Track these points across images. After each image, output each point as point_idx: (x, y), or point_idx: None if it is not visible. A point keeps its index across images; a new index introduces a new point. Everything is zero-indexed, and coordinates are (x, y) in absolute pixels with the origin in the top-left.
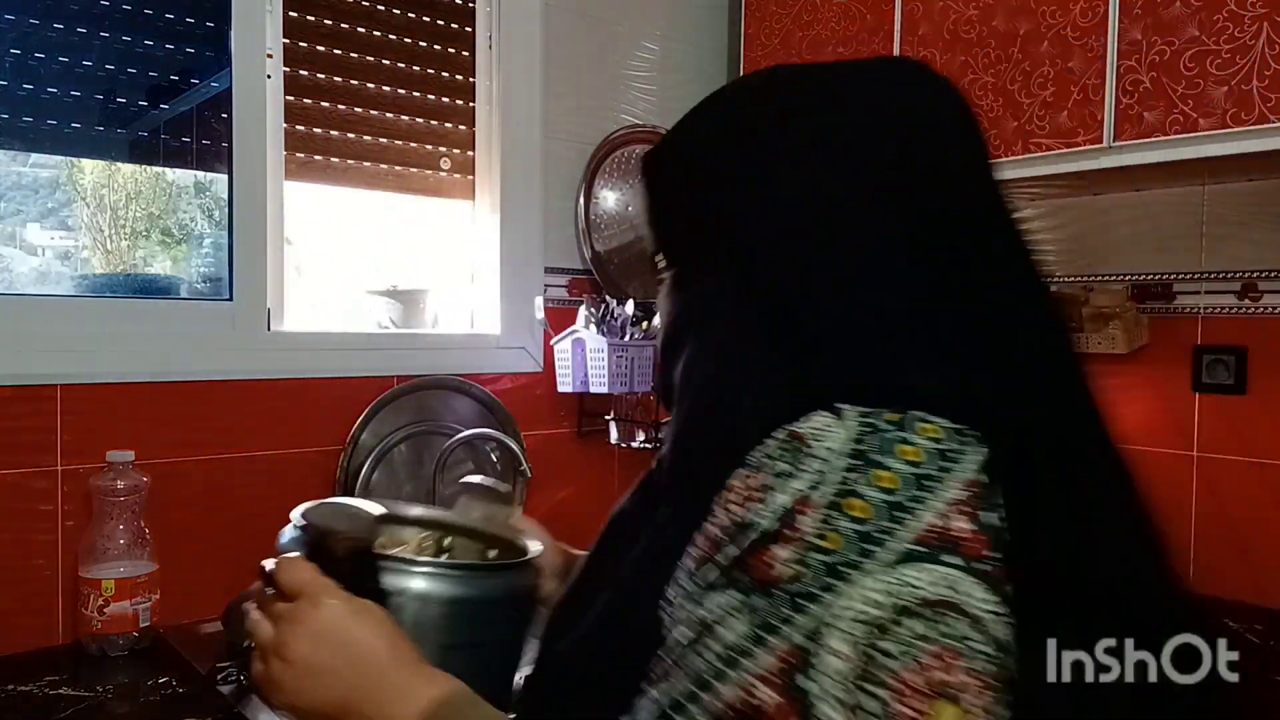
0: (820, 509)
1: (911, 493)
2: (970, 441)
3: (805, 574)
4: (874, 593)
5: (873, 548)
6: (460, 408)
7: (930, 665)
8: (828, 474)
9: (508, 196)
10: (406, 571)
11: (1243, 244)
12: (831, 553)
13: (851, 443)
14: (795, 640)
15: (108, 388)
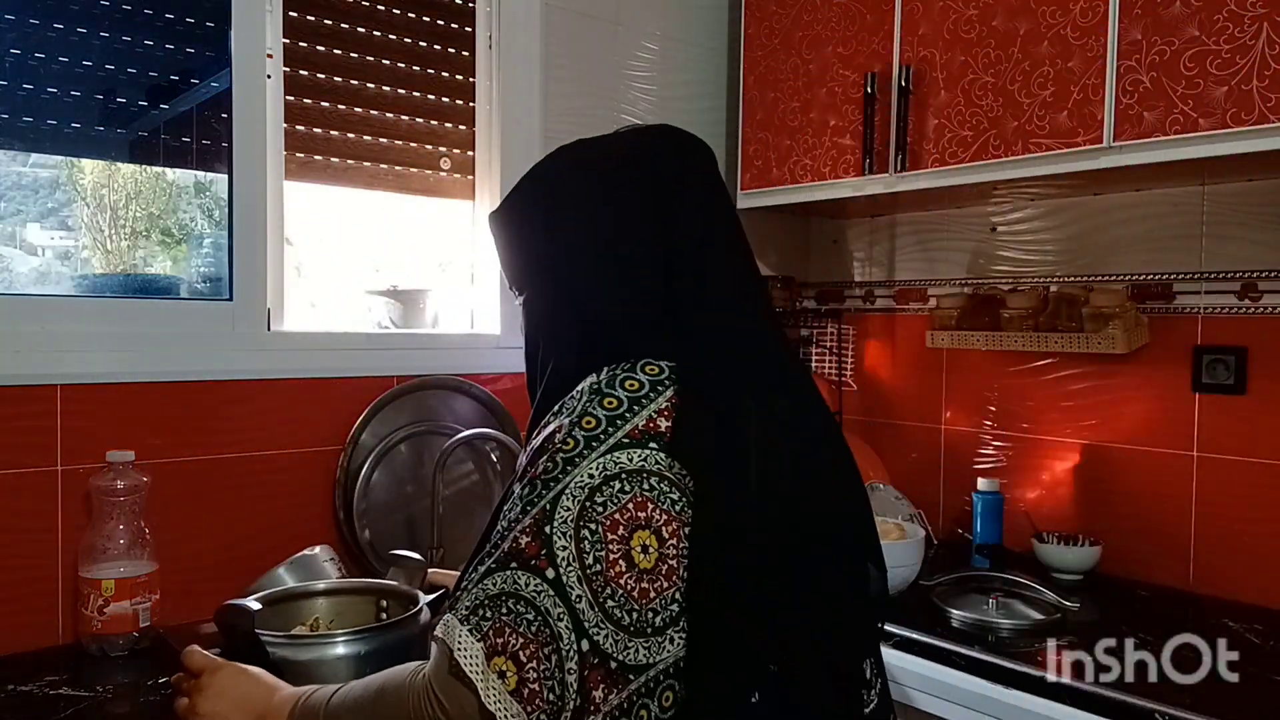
0: (566, 428)
1: (627, 408)
2: (675, 376)
3: (552, 468)
4: (591, 468)
5: (595, 444)
6: (460, 408)
7: (630, 508)
8: (577, 406)
9: None
10: (283, 644)
11: (1243, 244)
12: (568, 451)
13: (595, 383)
14: (542, 505)
15: (108, 388)
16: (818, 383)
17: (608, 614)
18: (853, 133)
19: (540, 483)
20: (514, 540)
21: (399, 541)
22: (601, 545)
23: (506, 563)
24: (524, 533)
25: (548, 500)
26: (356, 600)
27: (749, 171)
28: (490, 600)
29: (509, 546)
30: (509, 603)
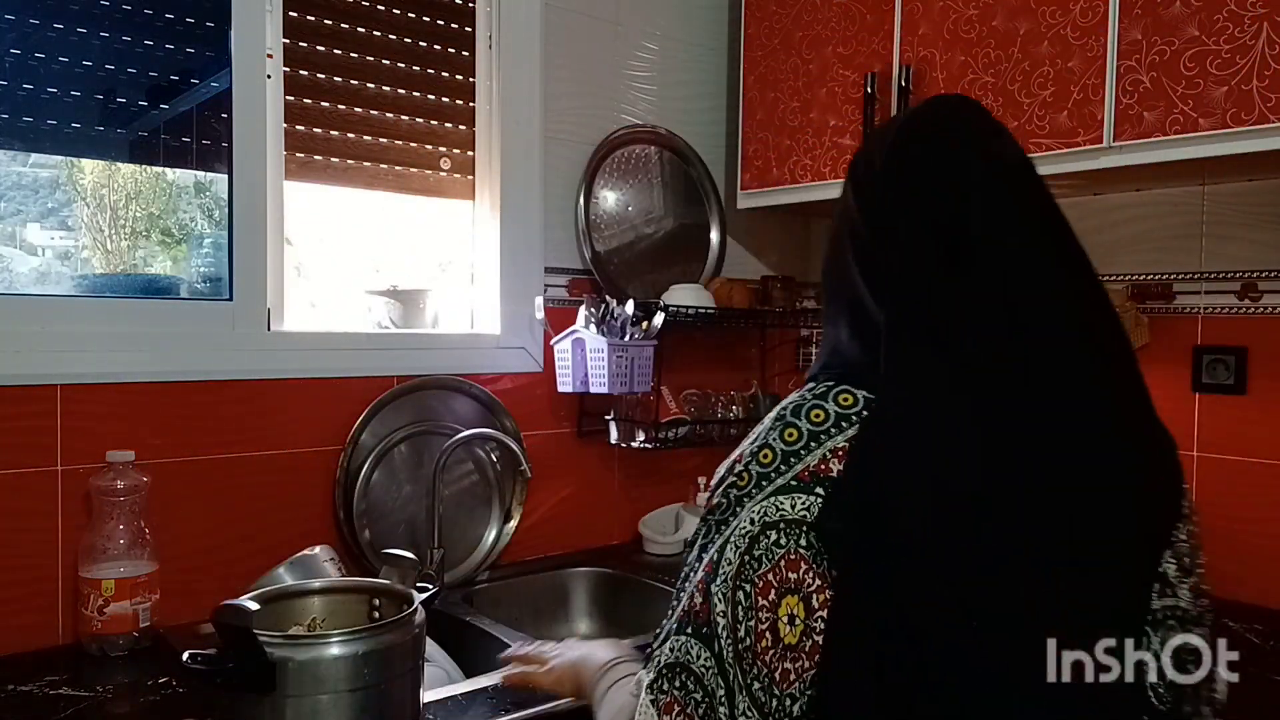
0: (745, 458)
1: (804, 444)
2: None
3: (724, 505)
4: (754, 512)
5: (764, 483)
6: (460, 408)
7: (782, 567)
8: (760, 434)
9: (508, 196)
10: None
11: (1243, 244)
12: (741, 487)
13: (782, 409)
14: (711, 555)
15: (108, 388)
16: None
17: (753, 698)
18: (853, 133)
19: (714, 523)
20: (690, 598)
21: (399, 541)
22: (752, 613)
23: (683, 626)
24: (698, 590)
25: (716, 549)
26: (351, 599)
27: (749, 171)
28: (668, 670)
29: (686, 605)
30: (681, 676)
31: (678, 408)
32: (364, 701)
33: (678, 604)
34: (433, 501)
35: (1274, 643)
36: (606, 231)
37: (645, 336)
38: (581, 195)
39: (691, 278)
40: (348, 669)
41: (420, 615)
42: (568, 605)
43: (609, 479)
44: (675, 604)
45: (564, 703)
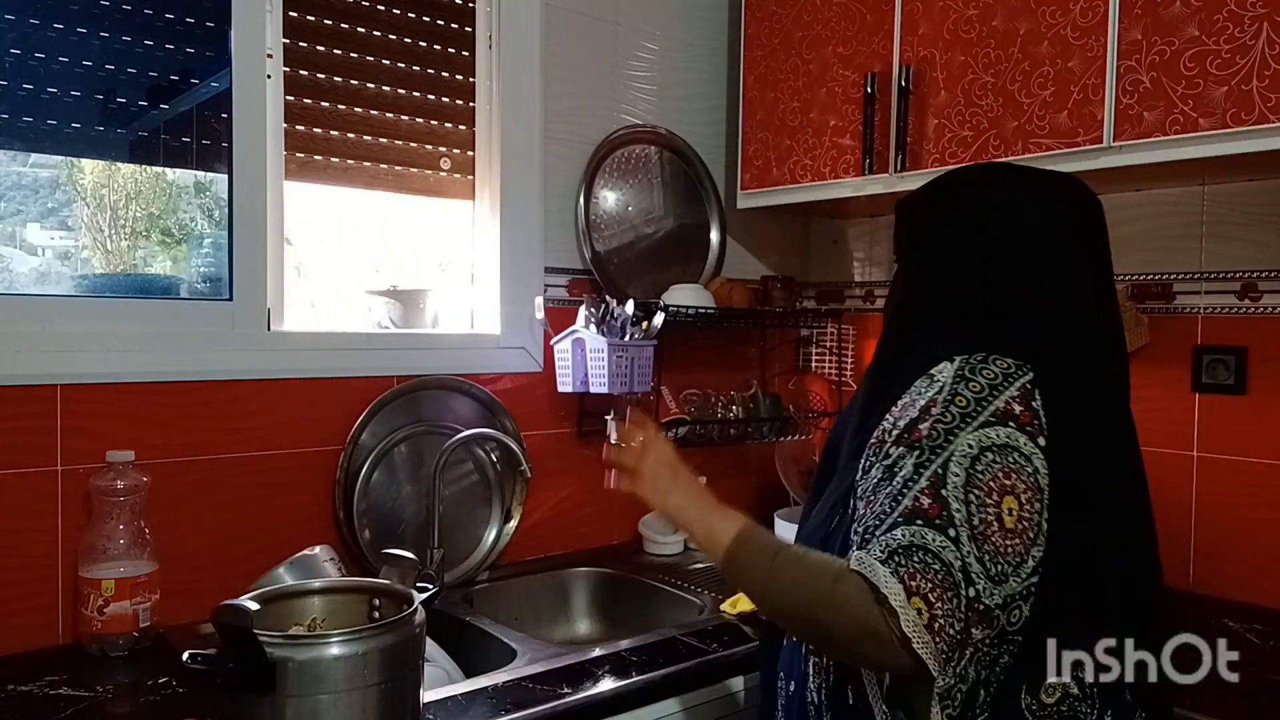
0: (940, 403)
1: (989, 392)
2: (1022, 370)
3: (936, 434)
4: (970, 439)
5: (969, 419)
6: (460, 408)
7: (1001, 476)
8: (945, 385)
9: (508, 196)
10: (280, 644)
11: (1243, 244)
12: (947, 423)
13: (956, 369)
14: (934, 470)
15: (108, 388)
16: (822, 382)
17: (984, 567)
18: (853, 133)
19: (927, 448)
20: (915, 499)
21: (399, 541)
22: (982, 508)
23: (911, 519)
24: (923, 494)
25: (938, 465)
26: (351, 599)
27: (749, 171)
28: (903, 550)
29: (911, 505)
30: (919, 554)
31: (678, 408)
32: (364, 701)
33: (889, 506)
34: (433, 501)
35: (1274, 643)
36: (606, 231)
37: (645, 336)
38: (581, 195)
39: (691, 278)
40: (348, 669)
41: (420, 615)
42: (568, 605)
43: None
44: (878, 507)
45: (564, 703)
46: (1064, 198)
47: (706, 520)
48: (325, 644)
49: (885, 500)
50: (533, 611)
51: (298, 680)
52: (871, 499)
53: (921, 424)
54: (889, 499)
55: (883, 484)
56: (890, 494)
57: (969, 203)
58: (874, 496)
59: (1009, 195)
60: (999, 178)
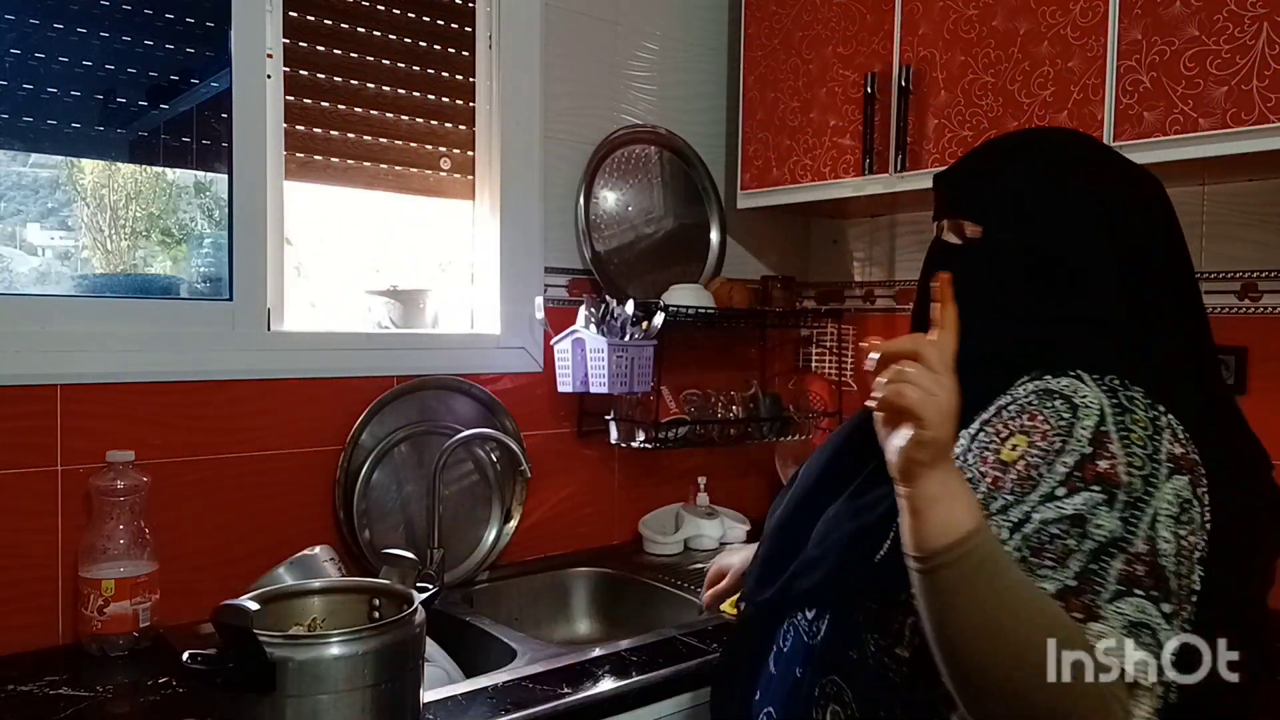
0: (1115, 439)
1: (1153, 431)
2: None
3: (1133, 481)
4: (1169, 494)
5: (1155, 464)
6: (460, 408)
7: (1194, 540)
8: (1104, 416)
9: (508, 196)
10: (281, 644)
11: (1243, 244)
12: (1140, 467)
13: (1106, 395)
14: (1144, 529)
15: (108, 388)
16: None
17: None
18: (853, 133)
19: (1126, 500)
20: (1130, 565)
21: (399, 541)
22: (1187, 578)
23: (1131, 588)
24: (1140, 560)
25: (1146, 526)
26: (351, 599)
27: (749, 171)
28: (1134, 626)
29: (1127, 570)
30: (1147, 634)
31: (678, 408)
32: (364, 701)
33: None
34: (433, 501)
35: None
36: (606, 231)
37: (645, 336)
38: (581, 195)
39: (691, 278)
40: (348, 669)
41: (420, 615)
42: (568, 605)
43: (609, 479)
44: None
45: (564, 703)
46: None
47: (956, 486)
48: (325, 644)
49: (1087, 557)
50: (533, 611)
51: (298, 680)
52: (1047, 544)
53: (1099, 462)
54: (1091, 556)
55: (1067, 529)
56: (1093, 550)
57: (1100, 184)
58: (1051, 544)
59: (1140, 183)
60: (1116, 155)
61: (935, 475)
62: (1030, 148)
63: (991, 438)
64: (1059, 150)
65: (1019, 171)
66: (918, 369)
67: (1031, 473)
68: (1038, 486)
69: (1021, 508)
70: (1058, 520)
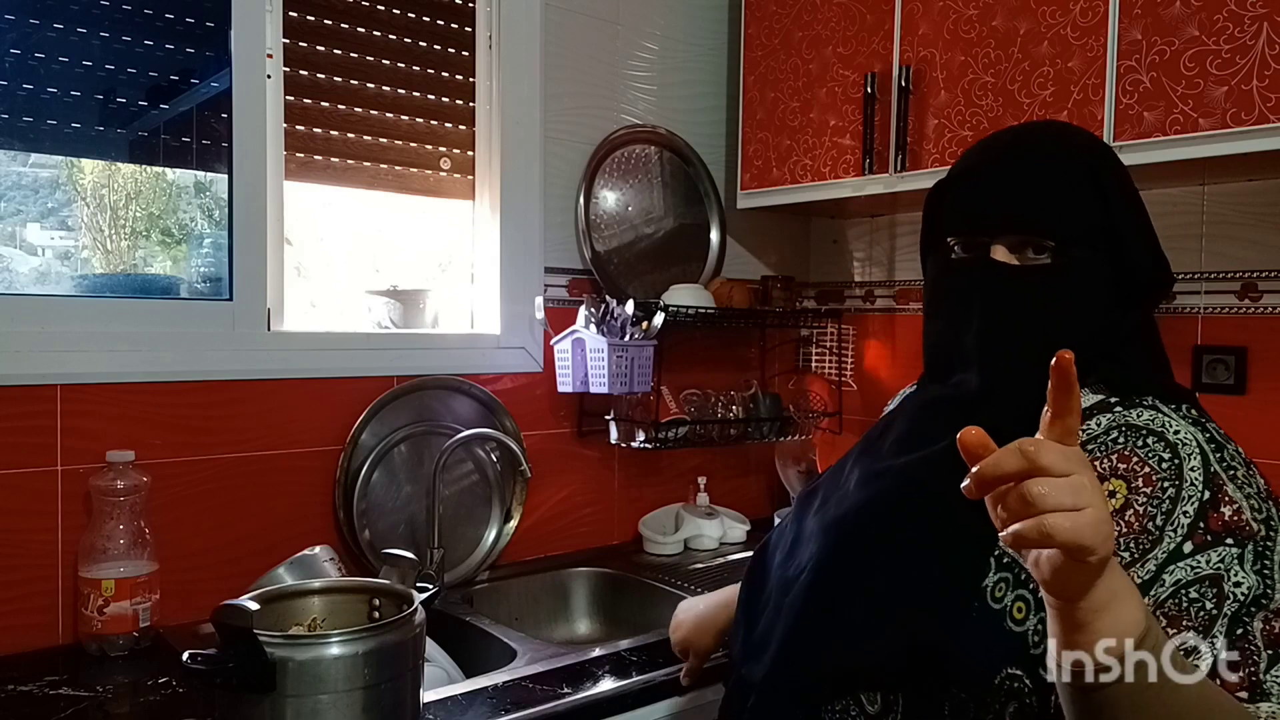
0: (1226, 480)
1: (1246, 463)
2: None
3: (1257, 527)
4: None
5: (1271, 505)
6: (460, 408)
7: None
8: (1206, 454)
9: (508, 196)
10: (281, 644)
11: (1243, 244)
12: (1259, 511)
13: (1196, 429)
14: (1271, 569)
15: (108, 388)
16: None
17: None
18: (853, 133)
19: (1258, 543)
20: (1270, 624)
21: (399, 541)
22: None
23: (1278, 649)
24: (1278, 617)
25: (1277, 582)
26: (351, 599)
27: (749, 171)
28: None
29: (1270, 630)
30: None
31: (678, 408)
32: (364, 701)
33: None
34: (433, 501)
35: None
36: (606, 231)
37: (645, 336)
38: (581, 195)
39: (691, 278)
40: (348, 669)
41: (420, 615)
42: (568, 605)
43: (609, 479)
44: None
45: (564, 703)
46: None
47: (1121, 583)
48: (325, 644)
49: (1230, 623)
50: (533, 611)
51: (298, 680)
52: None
53: (1223, 509)
54: (1235, 620)
55: (1204, 591)
56: (1235, 614)
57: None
58: (1189, 610)
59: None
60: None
61: (1103, 583)
62: (1070, 144)
63: None
64: (1100, 149)
65: (1086, 177)
66: (1050, 487)
67: (1148, 524)
68: (1159, 542)
69: (1147, 567)
70: (1195, 583)
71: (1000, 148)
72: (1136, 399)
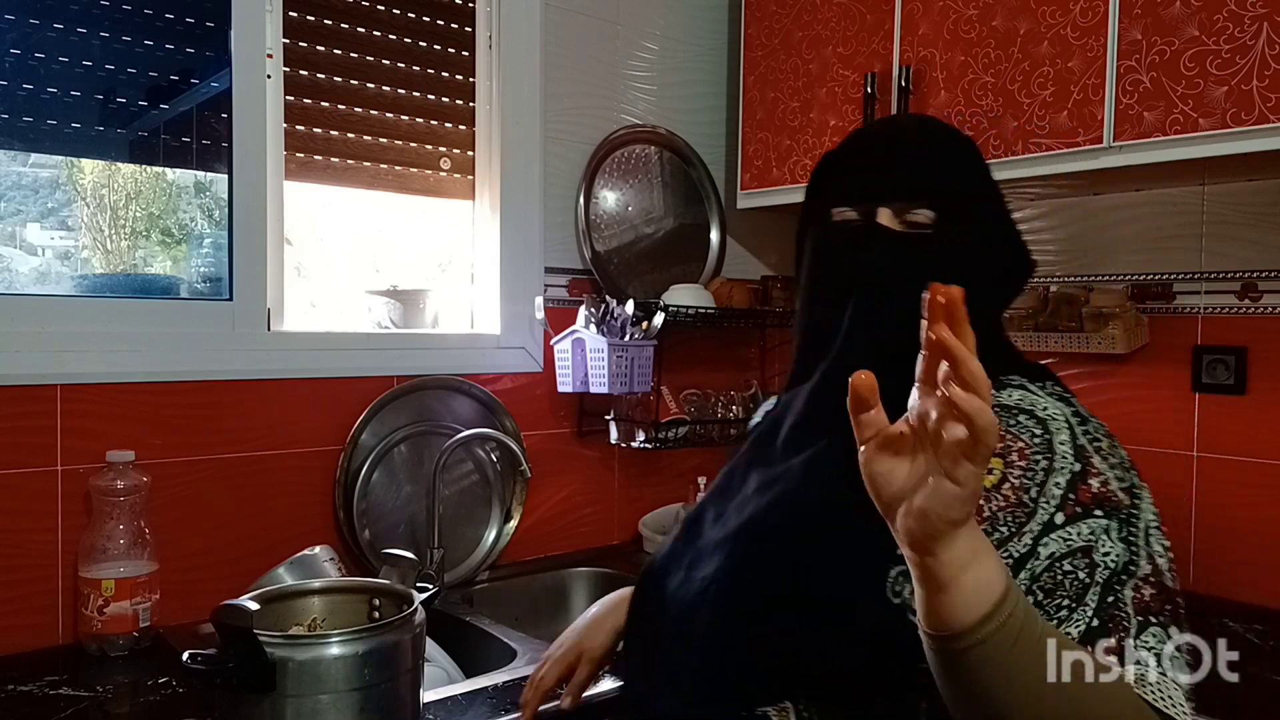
0: (1092, 452)
1: (1109, 435)
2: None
3: (1123, 498)
4: (1149, 504)
5: (1133, 474)
6: (460, 408)
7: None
8: (1073, 428)
9: (508, 196)
10: (280, 644)
11: (1243, 244)
12: (1124, 481)
13: (1061, 404)
14: (1142, 547)
15: (108, 388)
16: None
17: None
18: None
19: (1123, 512)
20: (1138, 590)
21: (399, 541)
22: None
23: (1147, 617)
24: (1147, 583)
25: (1143, 543)
26: (351, 599)
27: (749, 171)
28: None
29: (1139, 598)
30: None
31: (678, 408)
32: (364, 701)
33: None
34: (433, 501)
35: (1274, 643)
36: (606, 231)
37: (645, 336)
38: (581, 195)
39: (691, 278)
40: (348, 669)
41: (420, 615)
42: (568, 605)
43: (609, 479)
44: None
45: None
46: None
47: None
48: (325, 644)
49: (1102, 591)
50: (533, 611)
51: (298, 680)
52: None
53: (1091, 480)
54: (1106, 589)
55: (1077, 562)
56: (1106, 582)
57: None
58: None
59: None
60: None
61: (964, 534)
62: (949, 128)
63: None
64: (969, 139)
65: (963, 158)
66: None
67: (1023, 497)
68: (1034, 514)
69: (1023, 540)
70: (1068, 555)
71: (883, 127)
72: (1004, 380)
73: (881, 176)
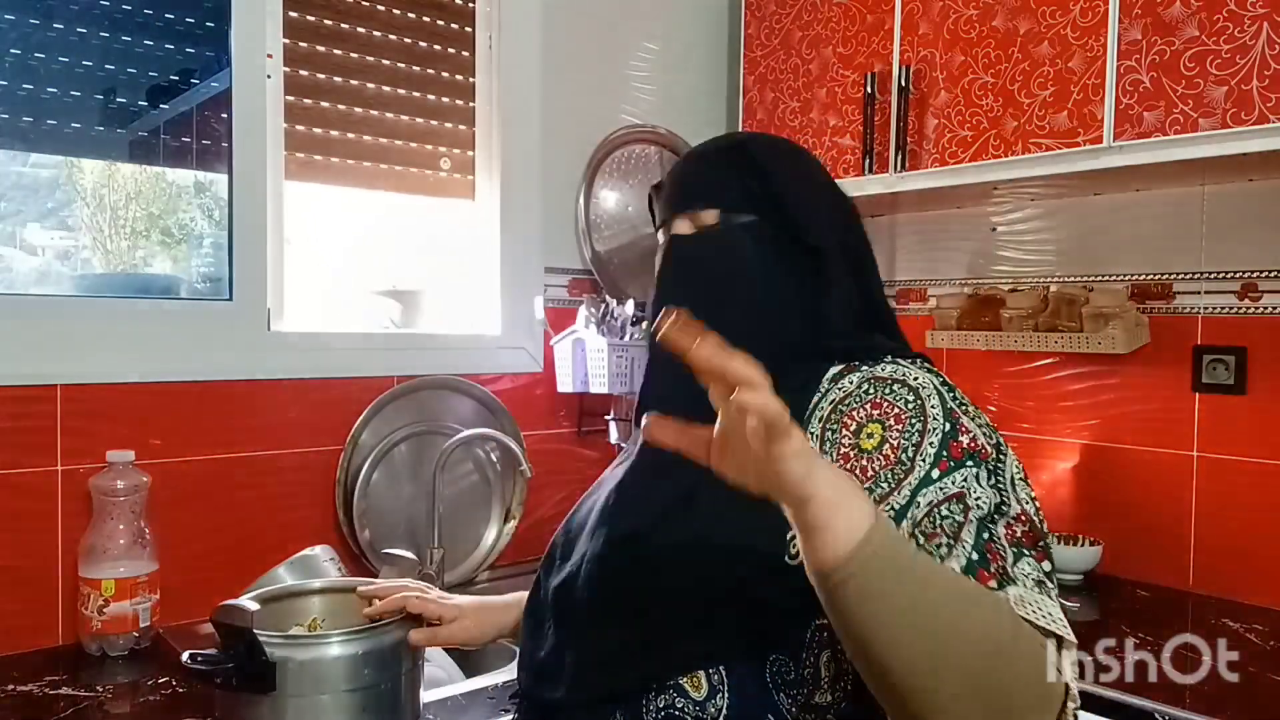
0: (961, 413)
1: (970, 402)
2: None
3: (990, 450)
4: (1012, 455)
5: (996, 432)
6: (460, 408)
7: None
8: (943, 394)
9: (508, 196)
10: (281, 644)
11: (1243, 244)
12: (989, 437)
13: (931, 375)
14: (1009, 490)
15: (108, 388)
16: None
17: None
18: (853, 133)
19: (990, 464)
20: (1010, 527)
21: (399, 541)
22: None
23: (1020, 549)
24: (1018, 521)
25: (1009, 487)
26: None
27: None
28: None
29: (1012, 534)
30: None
31: None
32: (364, 701)
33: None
34: (433, 501)
35: (1274, 643)
36: (606, 231)
37: (645, 336)
38: (581, 195)
39: None
40: (348, 669)
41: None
42: None
43: None
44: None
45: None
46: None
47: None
48: (325, 644)
49: (978, 528)
50: None
51: (298, 680)
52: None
53: (961, 437)
54: (981, 527)
55: (953, 507)
56: (980, 520)
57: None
58: (942, 523)
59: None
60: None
61: (822, 476)
62: (733, 137)
63: (841, 434)
64: (761, 137)
65: (737, 156)
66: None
67: (901, 455)
68: (911, 470)
69: (902, 492)
70: (945, 501)
71: (692, 150)
72: (872, 358)
73: (673, 191)
